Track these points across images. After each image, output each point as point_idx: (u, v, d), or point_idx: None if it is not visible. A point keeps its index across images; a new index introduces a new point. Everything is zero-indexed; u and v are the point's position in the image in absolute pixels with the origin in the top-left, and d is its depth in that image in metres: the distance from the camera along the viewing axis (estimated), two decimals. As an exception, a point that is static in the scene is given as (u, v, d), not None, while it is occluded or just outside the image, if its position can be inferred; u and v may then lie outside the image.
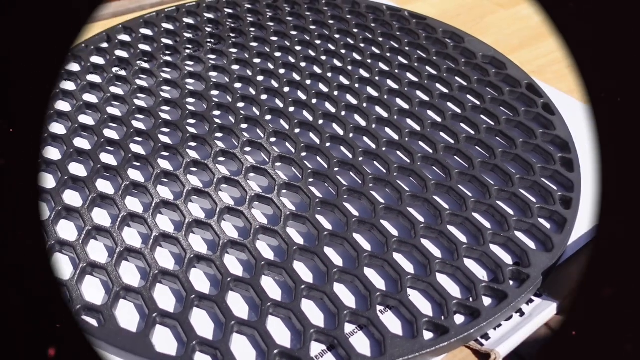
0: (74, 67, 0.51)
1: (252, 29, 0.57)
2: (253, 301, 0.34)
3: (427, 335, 0.32)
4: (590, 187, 0.42)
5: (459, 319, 0.33)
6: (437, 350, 0.32)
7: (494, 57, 0.54)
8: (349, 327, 0.33)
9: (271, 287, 0.35)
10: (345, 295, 0.34)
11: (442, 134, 0.46)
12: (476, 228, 0.38)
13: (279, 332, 0.32)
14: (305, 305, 0.34)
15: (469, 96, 0.50)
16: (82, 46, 0.53)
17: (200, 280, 0.35)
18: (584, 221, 0.40)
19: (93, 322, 0.32)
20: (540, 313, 0.34)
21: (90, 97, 0.48)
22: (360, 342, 0.32)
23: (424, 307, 0.34)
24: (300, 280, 0.34)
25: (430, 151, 0.44)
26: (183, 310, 0.33)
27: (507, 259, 0.37)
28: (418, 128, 0.46)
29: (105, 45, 0.54)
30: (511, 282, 0.35)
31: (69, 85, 0.49)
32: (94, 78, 0.50)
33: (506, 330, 0.33)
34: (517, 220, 0.39)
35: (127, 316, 0.33)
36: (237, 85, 0.50)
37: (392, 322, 0.33)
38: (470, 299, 0.34)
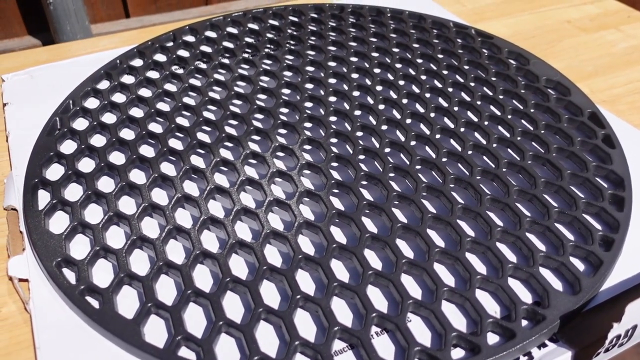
0: (137, 62, 0.54)
1: (311, 38, 0.57)
2: (249, 304, 0.33)
3: (419, 365, 0.30)
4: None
5: (457, 353, 0.31)
6: (425, 382, 0.30)
7: (559, 82, 0.51)
8: (339, 345, 0.32)
9: (270, 293, 0.34)
10: (342, 312, 0.33)
11: (484, 157, 0.43)
12: (497, 259, 0.35)
13: (266, 339, 0.32)
14: (299, 316, 0.33)
15: (522, 120, 0.47)
16: (148, 43, 0.56)
17: (202, 277, 0.35)
18: (625, 266, 0.36)
19: (95, 303, 0.34)
20: (551, 360, 0.31)
21: (144, 92, 0.50)
22: (346, 362, 0.31)
23: (423, 335, 0.32)
24: (298, 290, 0.33)
25: (467, 173, 0.42)
26: (177, 304, 0.33)
27: (527, 296, 0.34)
28: (459, 148, 0.44)
29: (170, 44, 0.57)
30: (525, 322, 0.32)
31: (128, 79, 0.52)
32: (152, 74, 0.53)
33: (508, 373, 0.31)
34: (544, 257, 0.35)
35: (128, 303, 0.34)
36: (285, 90, 0.50)
37: (385, 346, 0.32)
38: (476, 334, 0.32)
